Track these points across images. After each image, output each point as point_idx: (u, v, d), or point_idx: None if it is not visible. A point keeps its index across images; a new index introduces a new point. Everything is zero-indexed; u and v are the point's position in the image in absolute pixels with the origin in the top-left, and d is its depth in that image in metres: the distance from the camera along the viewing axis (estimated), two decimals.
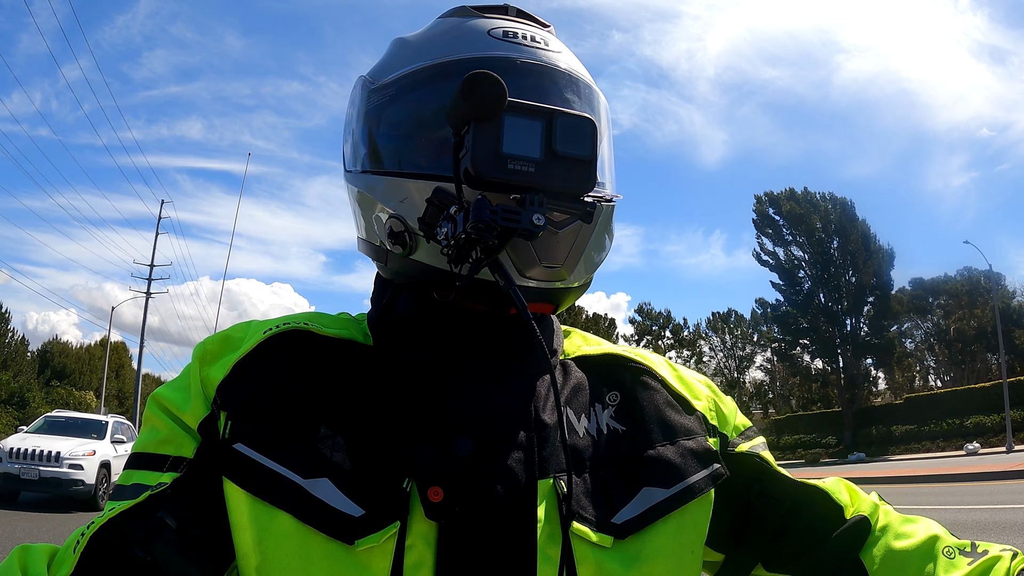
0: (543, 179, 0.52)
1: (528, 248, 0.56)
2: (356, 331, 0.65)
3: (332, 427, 0.56)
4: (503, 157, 0.51)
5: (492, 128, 0.51)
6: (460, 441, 0.55)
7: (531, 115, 0.52)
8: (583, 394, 0.64)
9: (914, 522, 0.68)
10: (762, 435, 0.73)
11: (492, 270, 0.54)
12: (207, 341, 0.63)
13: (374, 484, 0.54)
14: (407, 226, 0.59)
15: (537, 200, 0.51)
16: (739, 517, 0.67)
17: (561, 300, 0.62)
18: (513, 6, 0.66)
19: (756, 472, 0.68)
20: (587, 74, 0.65)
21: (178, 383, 0.62)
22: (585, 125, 0.53)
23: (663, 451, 0.61)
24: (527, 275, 0.57)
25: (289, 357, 0.60)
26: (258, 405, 0.57)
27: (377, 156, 0.63)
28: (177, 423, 0.59)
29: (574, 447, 0.59)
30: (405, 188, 0.59)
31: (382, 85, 0.63)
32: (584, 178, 0.53)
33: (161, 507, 0.55)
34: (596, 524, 0.56)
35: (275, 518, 0.53)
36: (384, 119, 0.63)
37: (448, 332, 0.60)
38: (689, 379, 0.71)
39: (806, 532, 0.66)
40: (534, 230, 0.51)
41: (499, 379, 0.59)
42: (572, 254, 0.58)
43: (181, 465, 0.57)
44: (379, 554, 0.52)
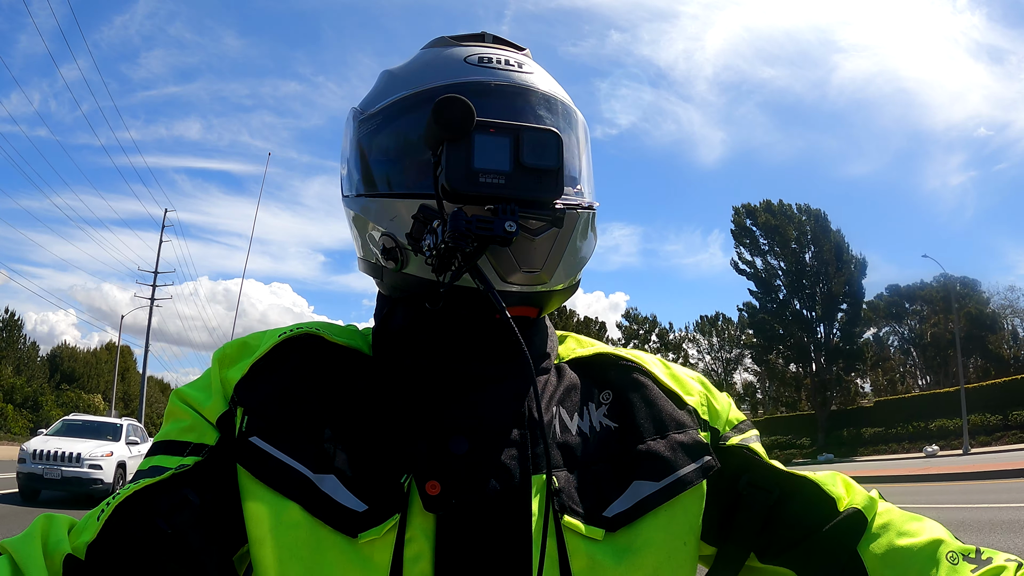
0: (513, 190, 0.57)
1: (507, 255, 0.60)
2: (362, 342, 0.69)
3: (338, 428, 0.60)
4: (475, 172, 0.56)
5: (463, 146, 0.56)
6: (456, 440, 0.58)
7: (499, 132, 0.57)
8: (576, 394, 0.67)
9: (919, 521, 0.66)
10: (755, 428, 0.73)
11: (472, 276, 0.58)
12: (226, 346, 0.68)
13: (375, 482, 0.57)
14: (397, 242, 0.63)
15: (509, 209, 0.56)
16: (729, 509, 0.68)
17: (544, 303, 0.66)
18: (490, 33, 0.71)
19: (744, 463, 0.69)
20: (561, 92, 0.69)
21: (199, 383, 0.67)
22: (550, 138, 0.58)
23: (653, 445, 0.63)
24: (508, 280, 0.60)
25: (301, 359, 0.64)
26: (272, 403, 0.61)
27: (369, 180, 0.68)
28: (199, 415, 0.63)
29: (566, 444, 0.62)
30: (394, 207, 0.63)
31: (370, 115, 0.68)
32: (551, 186, 0.58)
33: (185, 485, 0.59)
34: (587, 517, 0.58)
35: (286, 508, 0.57)
36: (373, 146, 0.68)
37: (442, 339, 0.64)
38: (681, 375, 0.73)
39: (796, 522, 0.66)
40: (507, 236, 0.55)
41: (493, 380, 0.62)
42: (550, 259, 0.62)
43: (203, 451, 0.61)
44: (380, 546, 0.55)
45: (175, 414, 0.64)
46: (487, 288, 0.57)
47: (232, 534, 0.60)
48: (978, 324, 40.83)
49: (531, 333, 0.68)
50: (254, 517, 0.58)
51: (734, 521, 0.67)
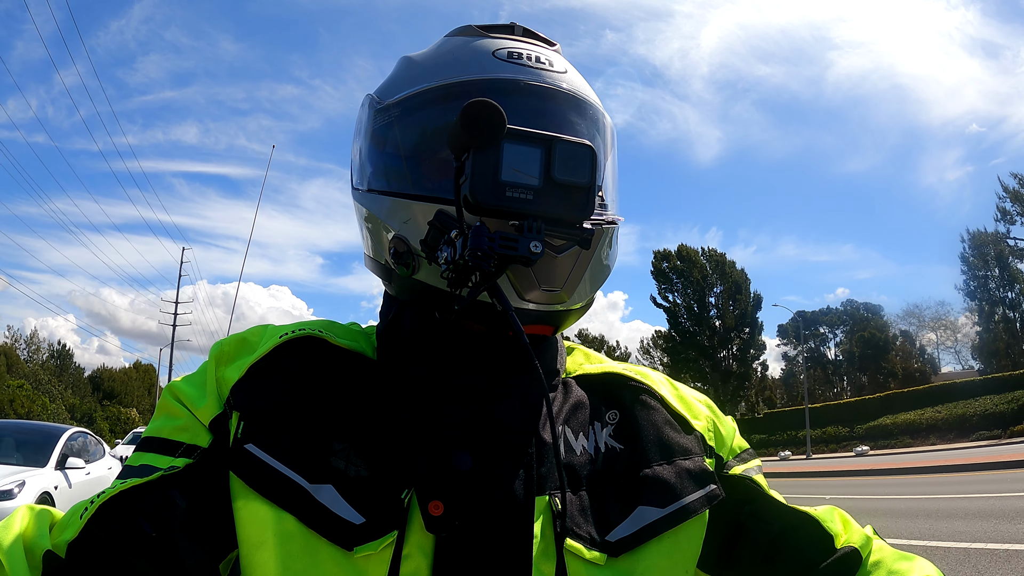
0: (541, 206, 0.53)
1: (527, 272, 0.57)
2: (366, 344, 0.66)
3: (338, 436, 0.57)
4: (501, 184, 0.52)
5: (491, 155, 0.52)
6: (460, 456, 0.56)
7: (530, 142, 0.53)
8: (583, 412, 0.65)
9: (909, 560, 0.66)
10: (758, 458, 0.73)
11: (490, 294, 0.54)
12: (224, 342, 0.65)
13: (375, 494, 0.55)
14: (410, 247, 0.59)
15: (535, 227, 0.52)
16: (729, 539, 0.67)
17: (561, 322, 0.63)
18: (520, 25, 0.67)
19: (748, 494, 0.68)
20: (592, 93, 0.66)
21: (194, 379, 0.64)
22: (584, 152, 0.54)
23: (660, 470, 0.62)
24: (526, 298, 0.58)
25: (302, 364, 0.61)
26: (270, 409, 0.58)
27: (383, 176, 0.64)
28: (192, 415, 0.60)
29: (571, 465, 0.60)
30: (409, 209, 0.60)
31: (388, 105, 0.64)
32: (582, 205, 0.54)
33: (172, 487, 0.56)
34: (590, 541, 0.57)
35: (280, 519, 0.55)
36: (390, 139, 0.64)
37: (450, 351, 0.61)
38: (689, 398, 0.71)
39: (795, 558, 0.66)
40: (531, 257, 0.52)
41: (500, 396, 0.60)
42: (572, 277, 0.59)
43: (195, 453, 0.58)
44: (376, 561, 0.53)
45: (168, 409, 0.62)
46: (505, 308, 0.54)
47: (219, 540, 0.58)
48: (871, 345, 48.01)
49: (542, 349, 0.66)
50: (246, 526, 0.56)
51: (734, 552, 0.67)
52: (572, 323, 0.65)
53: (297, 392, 0.59)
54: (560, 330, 0.65)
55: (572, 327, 0.67)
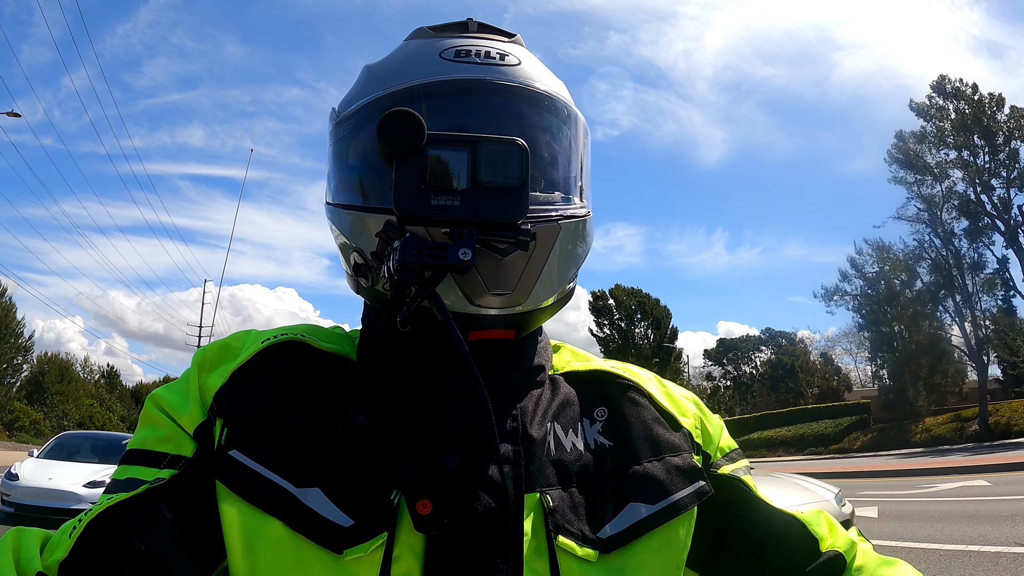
0: (469, 212, 0.51)
1: (475, 277, 0.56)
2: (349, 347, 0.66)
3: (324, 439, 0.57)
4: (426, 193, 0.51)
5: (415, 164, 0.51)
6: (447, 455, 0.56)
7: (454, 146, 0.52)
8: (571, 409, 0.64)
9: (892, 565, 0.67)
10: (746, 458, 0.73)
11: (430, 302, 0.54)
12: (206, 348, 0.64)
13: (363, 496, 0.54)
14: (366, 259, 0.59)
15: (466, 233, 0.51)
16: (716, 539, 0.67)
17: (524, 324, 0.62)
18: (475, 21, 0.65)
19: (735, 495, 0.68)
20: (553, 83, 0.64)
21: (177, 387, 0.63)
22: (513, 150, 0.52)
23: (649, 467, 0.62)
24: (478, 303, 0.57)
25: (285, 368, 0.61)
26: (254, 414, 0.58)
27: (342, 188, 0.64)
28: (176, 424, 0.60)
29: (560, 461, 0.59)
30: (363, 222, 0.60)
31: (345, 117, 0.64)
32: (514, 206, 0.52)
33: (159, 499, 0.56)
34: (581, 538, 0.56)
35: (267, 524, 0.54)
36: (348, 152, 0.64)
37: (429, 351, 0.61)
38: (676, 395, 0.71)
39: (780, 560, 0.66)
40: (462, 265, 0.51)
41: (485, 394, 0.58)
42: (524, 279, 0.58)
43: (180, 463, 0.58)
44: (367, 564, 0.53)
45: (150, 419, 0.61)
46: (444, 318, 0.53)
47: (210, 550, 0.57)
48: (779, 367, 56.99)
49: (522, 347, 0.65)
50: (233, 533, 0.55)
51: (721, 552, 0.67)
52: (542, 322, 0.65)
53: (280, 396, 0.59)
54: (527, 331, 0.64)
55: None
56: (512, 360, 0.63)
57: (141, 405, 1.00)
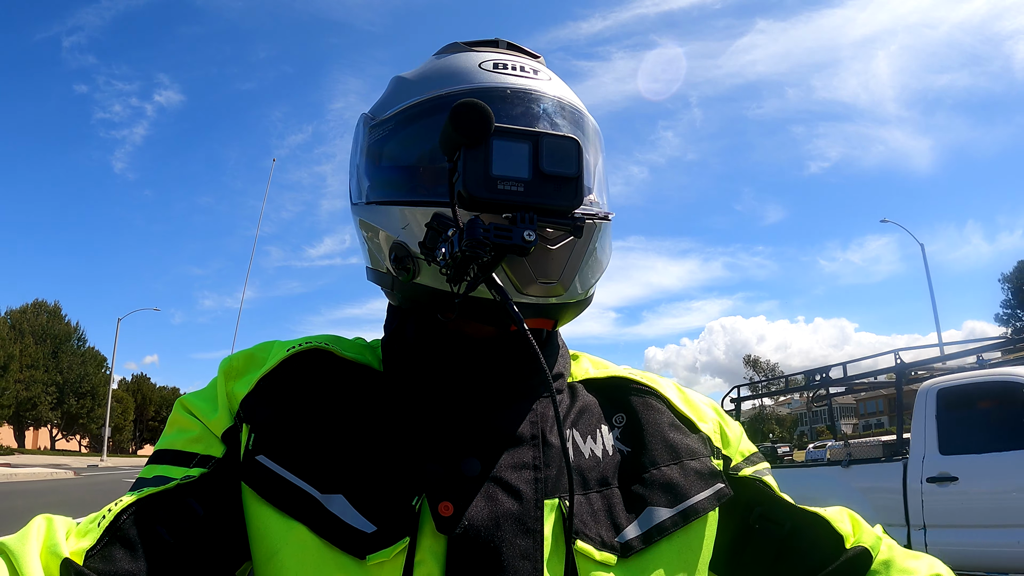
0: (532, 197, 0.55)
1: (524, 265, 0.58)
2: (371, 357, 0.67)
3: (347, 446, 0.58)
4: (493, 179, 0.54)
5: (481, 152, 0.54)
6: (468, 462, 0.57)
7: (518, 138, 0.55)
8: (590, 416, 0.65)
9: (917, 559, 0.67)
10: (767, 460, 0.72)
11: (488, 286, 0.56)
12: (232, 358, 0.66)
13: (386, 502, 0.55)
14: (409, 251, 0.61)
15: (527, 218, 0.54)
16: (739, 541, 0.67)
17: (560, 316, 0.64)
18: (504, 40, 0.69)
19: (758, 496, 0.68)
20: (576, 99, 0.68)
21: (205, 393, 0.64)
22: (570, 145, 0.56)
23: (667, 471, 0.63)
24: (524, 291, 0.59)
25: (310, 376, 0.63)
26: (279, 421, 0.59)
27: (380, 187, 0.66)
28: (205, 427, 0.61)
29: (579, 467, 0.61)
30: (406, 215, 0.61)
31: (382, 121, 0.67)
32: (571, 195, 0.56)
33: (189, 495, 0.57)
34: (600, 543, 0.57)
35: (292, 529, 0.55)
36: (385, 153, 0.66)
37: (454, 356, 0.62)
38: (695, 401, 0.72)
39: (805, 559, 0.66)
40: (525, 246, 0.53)
41: (506, 401, 0.61)
42: (567, 270, 0.60)
43: (210, 463, 0.59)
44: (389, 568, 0.54)
45: (180, 423, 0.63)
46: (503, 299, 0.55)
47: (235, 550, 0.58)
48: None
49: (546, 352, 0.66)
50: (259, 537, 0.57)
51: (745, 554, 0.67)
52: (571, 319, 0.66)
53: (306, 403, 0.61)
54: (560, 324, 0.67)
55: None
56: (532, 367, 0.63)
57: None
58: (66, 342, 42.85)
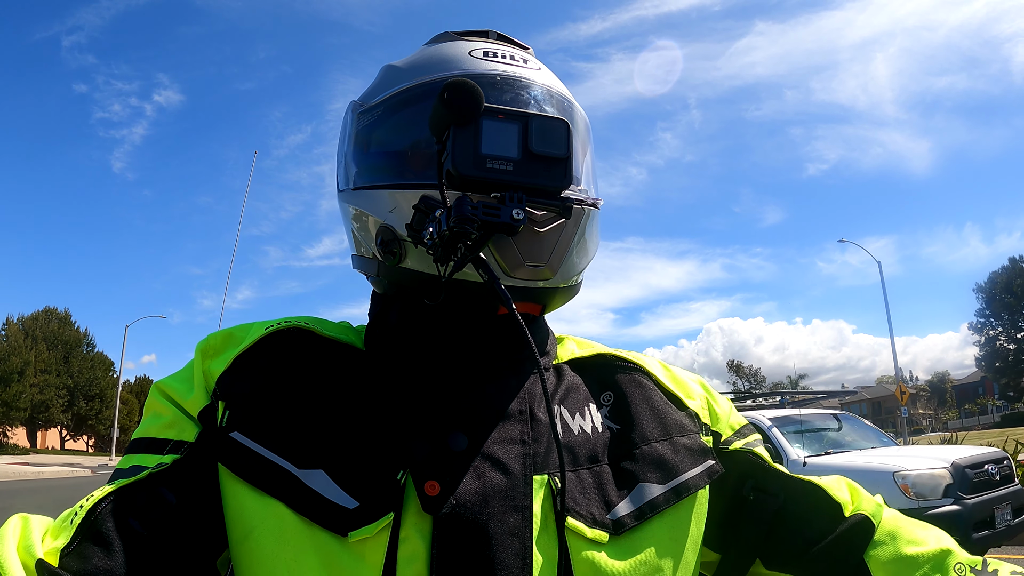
0: (521, 176, 0.55)
1: (512, 247, 0.58)
2: (355, 338, 0.66)
3: (327, 421, 0.57)
4: (482, 157, 0.54)
5: (471, 131, 0.54)
6: (455, 436, 0.56)
7: (507, 118, 0.55)
8: (577, 394, 0.65)
9: (925, 529, 0.65)
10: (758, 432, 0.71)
11: (475, 266, 0.55)
12: (210, 337, 0.64)
13: (369, 477, 0.54)
14: (396, 234, 0.60)
15: (516, 197, 0.54)
16: (733, 515, 0.66)
17: (547, 300, 0.64)
18: (494, 31, 0.69)
19: (750, 468, 0.68)
20: (565, 90, 0.68)
21: (181, 375, 0.63)
22: (560, 126, 0.56)
23: (658, 448, 0.62)
24: (512, 274, 0.58)
25: (288, 353, 0.61)
26: (256, 396, 0.58)
27: (368, 172, 0.65)
28: (180, 410, 0.60)
29: (569, 445, 0.60)
30: (394, 198, 0.61)
31: (371, 107, 0.66)
32: (560, 175, 0.56)
33: (161, 484, 0.56)
34: (591, 520, 0.56)
35: (268, 507, 0.54)
36: (373, 138, 0.66)
37: (439, 336, 0.62)
38: (682, 378, 0.71)
39: (802, 529, 0.65)
40: (514, 224, 0.53)
41: (493, 378, 0.60)
42: (556, 253, 0.60)
43: (182, 448, 0.57)
44: (373, 545, 0.52)
45: (155, 408, 0.61)
46: (491, 279, 0.54)
47: (214, 536, 0.57)
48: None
49: (532, 332, 0.65)
50: (234, 517, 0.55)
51: (739, 527, 0.66)
52: (559, 305, 0.66)
53: (284, 378, 0.59)
54: (547, 310, 0.67)
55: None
56: (519, 345, 0.63)
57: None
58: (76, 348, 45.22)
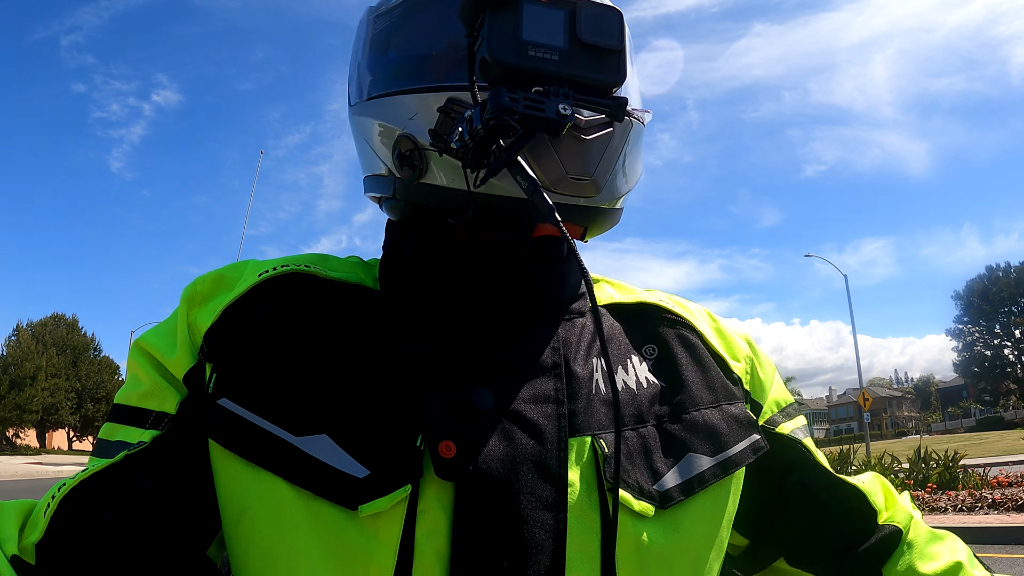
0: (568, 67, 0.46)
1: (552, 155, 0.50)
2: (366, 275, 0.58)
3: (333, 378, 0.49)
4: (523, 43, 0.45)
5: (510, 14, 0.46)
6: (479, 392, 0.49)
7: (553, 4, 0.47)
8: (617, 344, 0.57)
9: (941, 541, 0.63)
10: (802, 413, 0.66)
11: (512, 171, 0.46)
12: (198, 280, 0.56)
13: (382, 441, 0.47)
14: (417, 144, 0.52)
15: (563, 92, 0.45)
16: (773, 506, 0.62)
17: (591, 221, 0.55)
18: None
19: (797, 459, 0.62)
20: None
21: (164, 327, 0.55)
22: (612, 15, 0.48)
23: (708, 415, 0.56)
24: (553, 189, 0.50)
25: (286, 302, 0.53)
26: (248, 355, 0.50)
27: (385, 79, 0.57)
28: (161, 373, 0.52)
29: (608, 402, 0.52)
30: (415, 103, 0.53)
31: (390, 7, 0.59)
32: (613, 69, 0.47)
33: (138, 468, 0.49)
34: (638, 491, 0.49)
35: (264, 482, 0.47)
36: (392, 42, 0.58)
37: (462, 269, 0.54)
38: (729, 333, 0.64)
39: (838, 532, 0.62)
40: (560, 120, 0.44)
41: (523, 323, 0.53)
42: (603, 164, 0.52)
43: (162, 422, 0.50)
44: (387, 521, 0.45)
45: (134, 369, 0.54)
46: (531, 187, 0.45)
47: (202, 521, 0.50)
48: None
49: (565, 270, 0.57)
50: (227, 495, 0.49)
51: (777, 520, 0.62)
52: (601, 231, 0.58)
53: (280, 333, 0.51)
54: (588, 236, 0.57)
55: None
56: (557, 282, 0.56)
57: None
58: (84, 352, 47.00)
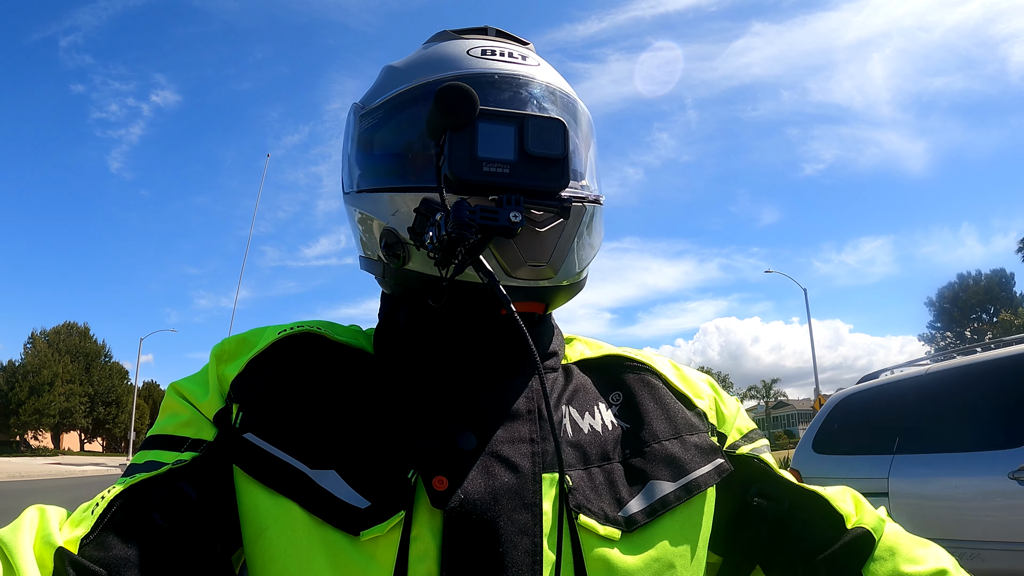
0: (518, 179, 0.54)
1: (512, 248, 0.57)
2: (365, 342, 0.67)
3: (339, 423, 0.57)
4: (479, 160, 0.54)
5: (467, 135, 0.54)
6: (464, 436, 0.56)
7: (503, 120, 0.55)
8: (585, 394, 0.65)
9: (924, 547, 0.66)
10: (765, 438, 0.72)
11: (475, 269, 0.55)
12: (224, 342, 0.65)
13: (380, 476, 0.54)
14: (399, 237, 0.60)
15: (514, 199, 0.54)
16: (737, 520, 0.67)
17: (551, 299, 0.63)
18: (492, 27, 0.69)
19: (756, 473, 0.68)
20: (566, 85, 0.68)
21: (197, 378, 0.64)
22: (556, 126, 0.56)
23: (668, 445, 0.62)
24: (514, 274, 0.58)
25: (301, 357, 0.62)
26: (269, 397, 0.59)
27: (370, 175, 0.66)
28: (197, 410, 0.61)
29: (577, 443, 0.60)
30: (396, 201, 0.61)
31: (371, 109, 0.67)
32: (557, 175, 0.56)
33: (181, 479, 0.56)
34: (603, 517, 0.56)
35: (282, 507, 0.54)
36: (375, 141, 0.66)
37: (446, 337, 0.62)
38: (691, 377, 0.71)
39: (805, 538, 0.65)
40: (511, 227, 0.53)
41: (500, 377, 0.61)
42: (556, 252, 0.59)
43: (201, 447, 0.58)
44: (384, 544, 0.52)
45: (172, 408, 0.62)
46: (491, 281, 0.54)
47: (229, 533, 0.58)
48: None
49: (538, 332, 0.66)
50: (249, 516, 0.56)
51: (743, 531, 0.67)
52: (563, 302, 0.66)
53: (296, 381, 0.60)
54: (551, 308, 0.66)
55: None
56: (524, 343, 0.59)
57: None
58: (96, 359, 50.70)
